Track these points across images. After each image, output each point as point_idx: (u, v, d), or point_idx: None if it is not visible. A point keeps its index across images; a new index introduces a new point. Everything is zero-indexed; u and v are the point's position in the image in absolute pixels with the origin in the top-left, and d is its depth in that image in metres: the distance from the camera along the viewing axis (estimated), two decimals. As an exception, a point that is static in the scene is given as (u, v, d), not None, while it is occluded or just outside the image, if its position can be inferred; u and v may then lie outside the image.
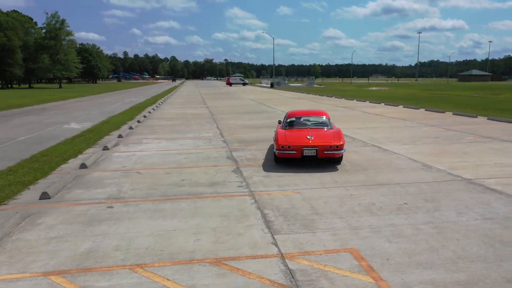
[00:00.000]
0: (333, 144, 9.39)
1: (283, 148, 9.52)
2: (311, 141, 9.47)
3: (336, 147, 9.37)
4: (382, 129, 16.46)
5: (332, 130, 10.32)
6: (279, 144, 9.62)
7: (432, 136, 14.43)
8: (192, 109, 27.64)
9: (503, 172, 9.06)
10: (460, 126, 16.99)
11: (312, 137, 9.60)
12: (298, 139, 9.63)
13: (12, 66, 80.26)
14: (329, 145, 9.35)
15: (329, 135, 9.85)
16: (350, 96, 40.40)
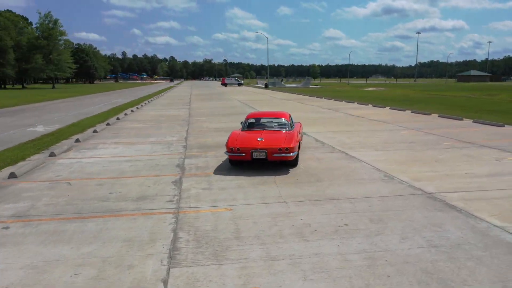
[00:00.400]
0: (282, 146, 9.09)
1: (232, 150, 9.33)
2: (260, 143, 9.25)
3: (285, 150, 9.06)
4: (358, 133, 15.47)
5: (288, 132, 9.98)
6: (228, 146, 9.44)
7: (408, 140, 13.44)
8: (173, 111, 26.68)
9: (471, 184, 8.08)
10: (442, 129, 16.00)
11: (263, 139, 9.41)
12: (248, 141, 9.43)
13: (4, 66, 79.29)
14: (278, 148, 9.08)
15: (281, 138, 9.55)
16: (341, 97, 39.40)
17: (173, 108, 29.28)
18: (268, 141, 9.34)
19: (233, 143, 9.43)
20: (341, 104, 31.14)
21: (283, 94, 49.74)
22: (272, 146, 9.13)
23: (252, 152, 9.14)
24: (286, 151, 9.07)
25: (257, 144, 9.24)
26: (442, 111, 23.59)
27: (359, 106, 28.39)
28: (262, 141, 9.32)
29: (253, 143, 9.32)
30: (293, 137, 9.59)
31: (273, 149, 9.08)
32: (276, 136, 9.72)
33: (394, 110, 24.87)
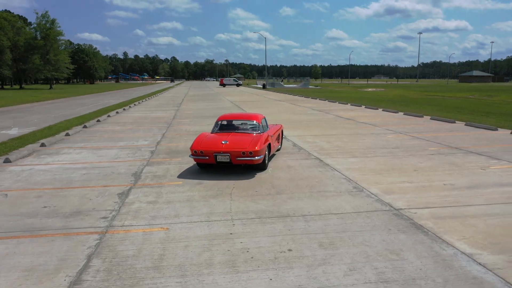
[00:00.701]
0: (246, 150, 8.75)
1: (195, 153, 9.06)
2: (224, 146, 8.94)
3: (249, 153, 8.72)
4: (342, 136, 14.62)
5: (256, 135, 9.55)
6: (192, 149, 9.12)
7: (391, 146, 12.58)
8: (160, 112, 25.87)
9: (447, 198, 7.22)
10: (431, 133, 15.14)
11: (227, 142, 9.09)
12: (212, 144, 9.11)
13: (0, 66, 78.73)
14: (241, 151, 8.75)
15: (247, 141, 9.15)
16: (337, 98, 38.52)
17: (161, 109, 28.49)
18: (233, 144, 8.99)
19: (197, 145, 9.13)
20: (334, 105, 30.26)
21: (278, 95, 48.89)
22: (236, 149, 8.79)
23: (215, 155, 8.83)
24: (250, 155, 8.69)
25: (221, 147, 8.91)
26: (436, 113, 22.70)
27: (351, 108, 27.52)
28: (227, 144, 8.98)
29: (217, 146, 8.98)
30: (260, 140, 9.12)
31: (236, 153, 8.75)
32: (242, 138, 9.31)
33: (386, 112, 23.98)
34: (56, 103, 37.61)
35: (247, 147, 8.78)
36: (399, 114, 22.79)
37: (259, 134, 9.64)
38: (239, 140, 9.20)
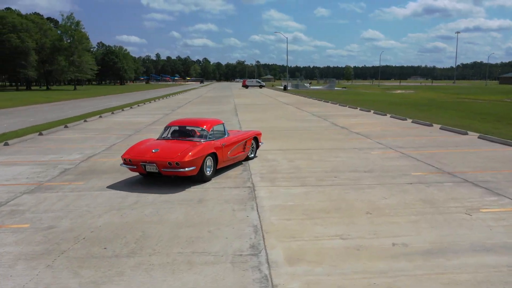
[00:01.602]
0: (172, 160, 7.87)
1: (125, 161, 8.43)
2: (152, 155, 8.13)
3: (176, 164, 7.84)
4: (314, 152, 11.89)
5: (194, 144, 8.54)
6: (122, 157, 8.52)
7: (365, 168, 9.73)
8: (145, 117, 23.79)
9: (379, 278, 4.39)
10: (429, 149, 12.14)
11: (158, 150, 8.27)
12: (141, 153, 8.37)
13: (26, 67, 79.67)
14: (167, 162, 7.91)
15: (179, 150, 8.21)
16: (351, 102, 35.40)
17: (152, 113, 26.37)
18: (162, 153, 8.15)
19: (127, 153, 8.51)
20: (340, 110, 27.20)
21: (293, 97, 46.05)
22: (162, 160, 7.97)
23: (143, 165, 8.11)
24: (176, 166, 7.83)
25: (148, 156, 8.14)
26: (453, 120, 19.48)
27: (357, 113, 24.44)
28: (156, 153, 8.17)
29: (145, 154, 8.22)
30: (193, 150, 8.16)
31: (162, 163, 7.96)
32: (177, 147, 8.41)
33: (392, 119, 20.84)
34: (59, 105, 36.43)
35: (174, 157, 7.88)
36: (406, 122, 19.61)
37: (199, 143, 8.60)
38: (172, 149, 8.32)
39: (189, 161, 7.86)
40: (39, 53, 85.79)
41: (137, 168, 8.28)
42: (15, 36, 76.23)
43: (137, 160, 8.17)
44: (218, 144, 8.94)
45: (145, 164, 8.06)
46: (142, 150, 8.47)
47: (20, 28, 78.07)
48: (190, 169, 7.89)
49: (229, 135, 9.80)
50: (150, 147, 8.50)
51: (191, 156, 7.94)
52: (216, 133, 9.34)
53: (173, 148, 8.36)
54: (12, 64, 77.48)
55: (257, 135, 11.04)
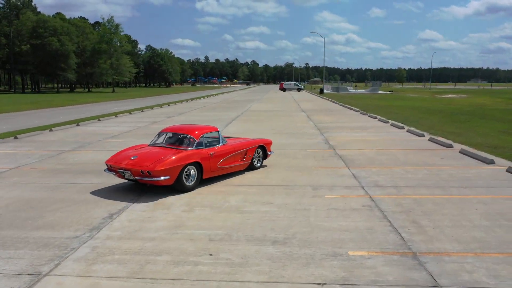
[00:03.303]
0: (145, 169, 7.61)
1: (108, 167, 8.44)
2: (128, 162, 7.94)
3: (148, 173, 7.59)
4: (236, 192, 8.19)
5: (174, 152, 8.14)
6: (105, 162, 8.57)
7: (280, 235, 5.97)
8: (129, 126, 21.00)
9: None
10: (421, 191, 8.10)
11: (136, 158, 8.07)
12: (121, 159, 8.22)
13: (65, 70, 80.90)
14: (140, 170, 7.66)
15: (154, 158, 7.90)
16: (381, 108, 30.96)
17: (141, 121, 23.61)
18: (138, 161, 7.94)
19: (110, 159, 8.49)
20: (355, 120, 22.96)
21: (319, 102, 41.90)
22: (135, 167, 7.76)
23: (122, 172, 7.99)
24: (148, 175, 7.63)
25: (125, 163, 7.97)
26: (488, 137, 15.07)
27: (371, 125, 20.20)
28: (134, 160, 7.99)
29: (123, 162, 8.07)
30: (169, 159, 7.81)
31: (135, 171, 7.76)
32: (157, 155, 8.13)
33: (407, 135, 16.56)
34: (74, 109, 34.99)
35: (147, 166, 7.69)
36: (421, 139, 15.27)
37: (182, 151, 8.32)
38: (149, 157, 8.10)
39: (162, 170, 7.59)
40: (81, 55, 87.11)
41: (117, 174, 8.18)
42: (56, 39, 77.47)
43: (116, 167, 8.10)
44: (205, 152, 8.58)
45: (123, 171, 7.96)
46: (122, 157, 8.35)
47: (61, 31, 79.29)
48: (164, 178, 7.67)
49: (225, 143, 9.27)
50: (131, 154, 8.36)
51: (164, 165, 7.66)
52: (209, 141, 8.93)
53: (150, 156, 8.10)
54: (52, 66, 78.90)
55: (265, 144, 10.46)
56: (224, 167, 9.13)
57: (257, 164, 10.29)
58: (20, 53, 77.87)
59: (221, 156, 8.94)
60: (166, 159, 7.83)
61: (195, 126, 9.47)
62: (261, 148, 10.33)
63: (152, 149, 8.65)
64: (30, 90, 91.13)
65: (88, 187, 8.72)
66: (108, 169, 8.49)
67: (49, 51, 77.40)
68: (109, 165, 8.36)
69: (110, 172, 8.41)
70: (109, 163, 8.34)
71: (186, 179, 8.12)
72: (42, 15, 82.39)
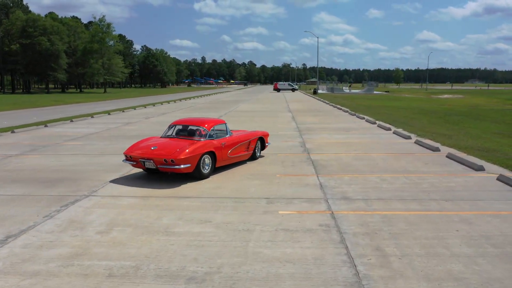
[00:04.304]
0: (168, 157, 8.10)
1: (126, 158, 8.81)
2: (149, 152, 8.44)
3: (171, 161, 8.08)
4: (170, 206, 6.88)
5: (191, 142, 8.71)
6: (124, 153, 8.93)
7: (200, 267, 4.62)
8: (96, 128, 19.65)
9: None
10: (393, 206, 6.79)
11: (156, 148, 8.56)
12: (141, 149, 8.71)
13: (56, 70, 79.34)
14: (163, 158, 8.15)
15: (176, 147, 8.40)
16: (372, 109, 29.66)
17: (113, 122, 22.27)
18: (159, 151, 8.45)
19: (130, 150, 8.90)
20: (341, 121, 21.67)
21: (309, 103, 40.63)
22: (158, 156, 8.26)
23: (142, 161, 8.42)
24: (172, 163, 8.10)
25: (147, 153, 8.46)
26: (480, 139, 13.85)
27: (356, 126, 18.93)
28: (154, 150, 8.49)
29: (144, 151, 8.56)
30: (189, 148, 8.33)
31: (158, 160, 8.23)
32: (175, 145, 8.60)
33: (393, 137, 15.30)
34: (50, 109, 33.42)
35: (170, 155, 8.16)
36: (407, 142, 13.98)
37: (199, 141, 8.82)
38: (169, 146, 8.58)
39: (184, 158, 8.06)
40: (72, 55, 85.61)
41: (137, 164, 8.58)
42: (46, 39, 75.96)
43: (137, 157, 8.47)
44: (217, 143, 9.12)
45: (144, 160, 8.34)
46: (142, 148, 8.77)
47: (51, 31, 77.77)
48: (185, 166, 8.11)
49: (231, 135, 9.90)
50: (149, 145, 8.77)
51: (186, 154, 8.13)
52: (218, 133, 9.51)
53: (170, 146, 8.56)
54: (42, 66, 77.39)
55: (264, 136, 11.22)
56: (233, 156, 9.75)
57: (257, 154, 10.95)
58: (10, 52, 76.35)
59: (230, 147, 9.55)
60: (186, 148, 8.32)
61: (205, 119, 10.06)
62: (260, 140, 11.01)
63: (168, 140, 9.10)
64: (21, 91, 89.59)
65: (3, 199, 7.40)
66: (126, 159, 8.82)
67: (38, 51, 75.86)
68: (128, 155, 8.68)
69: (129, 162, 8.75)
70: (129, 154, 8.66)
71: (202, 167, 8.62)
72: (32, 14, 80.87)
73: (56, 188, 8.13)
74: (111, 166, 10.22)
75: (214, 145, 9.01)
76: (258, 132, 11.15)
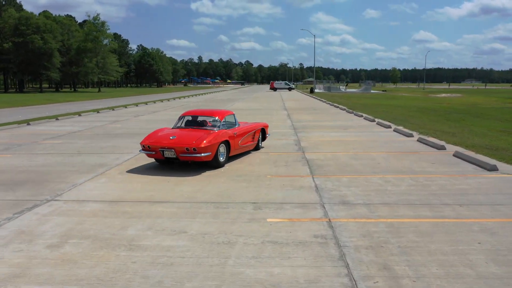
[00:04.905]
0: (190, 146, 8.21)
1: (144, 148, 8.80)
2: (170, 141, 8.47)
3: (193, 149, 8.19)
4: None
5: (211, 132, 8.83)
6: (141, 143, 8.87)
7: None
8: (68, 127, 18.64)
9: None
10: (397, 213, 5.81)
11: (175, 138, 8.60)
12: (160, 139, 8.71)
13: (49, 69, 78.03)
14: (185, 147, 8.25)
15: (195, 137, 8.54)
16: (372, 107, 28.73)
17: (79, 124, 21.23)
18: (179, 140, 8.51)
19: (147, 140, 8.84)
20: (338, 119, 20.73)
21: (306, 101, 39.69)
22: (180, 145, 8.32)
23: (162, 150, 8.46)
24: (194, 151, 8.20)
25: (167, 142, 8.49)
26: (487, 137, 12.92)
27: (354, 124, 17.99)
28: (173, 140, 8.52)
29: (164, 141, 8.59)
30: (209, 137, 8.48)
31: (180, 149, 8.30)
32: (193, 134, 8.76)
33: (394, 135, 14.36)
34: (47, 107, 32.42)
35: (192, 143, 8.26)
36: (409, 140, 13.05)
37: (213, 131, 8.93)
38: (188, 136, 8.69)
39: (205, 146, 8.19)
40: (66, 54, 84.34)
41: (156, 154, 8.58)
42: (39, 37, 74.67)
43: (156, 146, 8.45)
44: (230, 132, 9.28)
45: (163, 149, 8.37)
46: (161, 137, 8.76)
47: (44, 29, 76.48)
48: (206, 154, 8.24)
49: (239, 126, 10.04)
50: (168, 135, 8.78)
51: (207, 143, 8.26)
52: (228, 123, 9.65)
53: (190, 135, 8.67)
54: (35, 65, 76.13)
55: (264, 127, 11.44)
56: (243, 146, 9.93)
57: (260, 144, 11.19)
58: (2, 51, 75.00)
59: (240, 136, 9.72)
60: (206, 137, 8.44)
61: (216, 110, 10.14)
62: (262, 131, 11.26)
63: (184, 130, 9.19)
64: (14, 90, 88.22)
65: (-51, 205, 6.39)
66: (143, 149, 8.78)
67: (31, 49, 74.55)
68: (146, 145, 8.60)
69: (145, 152, 8.72)
70: (147, 144, 8.58)
71: (219, 156, 8.75)
72: (25, 12, 79.57)
73: (15, 192, 7.15)
74: (86, 167, 9.24)
75: (228, 135, 9.19)
76: (260, 124, 11.44)
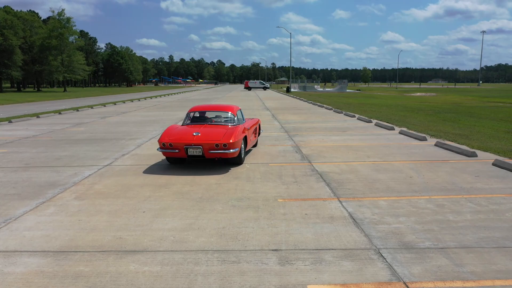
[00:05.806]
0: (220, 142, 7.87)
1: (164, 146, 8.16)
2: (196, 138, 8.02)
3: (223, 145, 7.86)
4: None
5: (231, 127, 8.56)
6: (160, 141, 8.23)
7: None
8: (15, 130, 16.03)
9: None
10: (498, 253, 3.76)
11: (199, 134, 8.18)
12: (182, 136, 8.19)
13: (9, 67, 73.24)
14: (215, 144, 7.87)
15: (220, 133, 8.20)
16: (357, 106, 27.12)
17: (33, 128, 18.63)
18: (205, 136, 8.11)
19: (166, 137, 8.25)
20: (329, 120, 18.86)
21: (286, 100, 37.86)
22: (208, 142, 7.93)
23: (186, 148, 7.96)
24: (224, 147, 7.89)
25: (192, 139, 8.02)
26: (504, 141, 11.10)
27: (351, 125, 16.16)
28: (198, 136, 8.10)
29: (188, 138, 8.11)
30: (235, 132, 8.20)
31: (209, 145, 7.89)
32: (216, 130, 8.43)
33: (402, 138, 12.56)
34: (2, 108, 29.07)
35: (221, 139, 7.93)
36: (424, 145, 11.26)
37: (235, 126, 8.68)
38: (212, 132, 8.29)
39: (235, 142, 7.92)
40: (29, 52, 79.61)
41: (179, 152, 7.99)
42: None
43: (180, 144, 7.93)
44: (246, 128, 8.99)
45: (188, 147, 7.87)
46: (183, 134, 8.22)
47: (4, 24, 71.73)
48: (235, 150, 7.91)
49: (245, 121, 9.73)
50: (189, 131, 8.30)
51: (236, 138, 7.99)
52: (239, 119, 9.36)
53: (214, 132, 8.26)
54: (-6, 63, 71.30)
55: (260, 123, 11.15)
56: (251, 141, 9.68)
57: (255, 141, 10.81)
58: (-43, 48, 69.89)
59: (250, 132, 9.36)
60: (231, 132, 8.10)
61: (227, 105, 9.76)
62: (258, 126, 10.95)
63: (200, 126, 8.63)
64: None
65: None
66: (163, 148, 8.15)
67: (-10, 46, 69.83)
68: (167, 143, 8.00)
69: (166, 150, 8.09)
70: (168, 141, 7.99)
71: (242, 152, 8.43)
72: (-18, 6, 74.38)
73: None
74: (31, 188, 6.93)
75: (244, 129, 8.86)
76: (256, 119, 10.94)
